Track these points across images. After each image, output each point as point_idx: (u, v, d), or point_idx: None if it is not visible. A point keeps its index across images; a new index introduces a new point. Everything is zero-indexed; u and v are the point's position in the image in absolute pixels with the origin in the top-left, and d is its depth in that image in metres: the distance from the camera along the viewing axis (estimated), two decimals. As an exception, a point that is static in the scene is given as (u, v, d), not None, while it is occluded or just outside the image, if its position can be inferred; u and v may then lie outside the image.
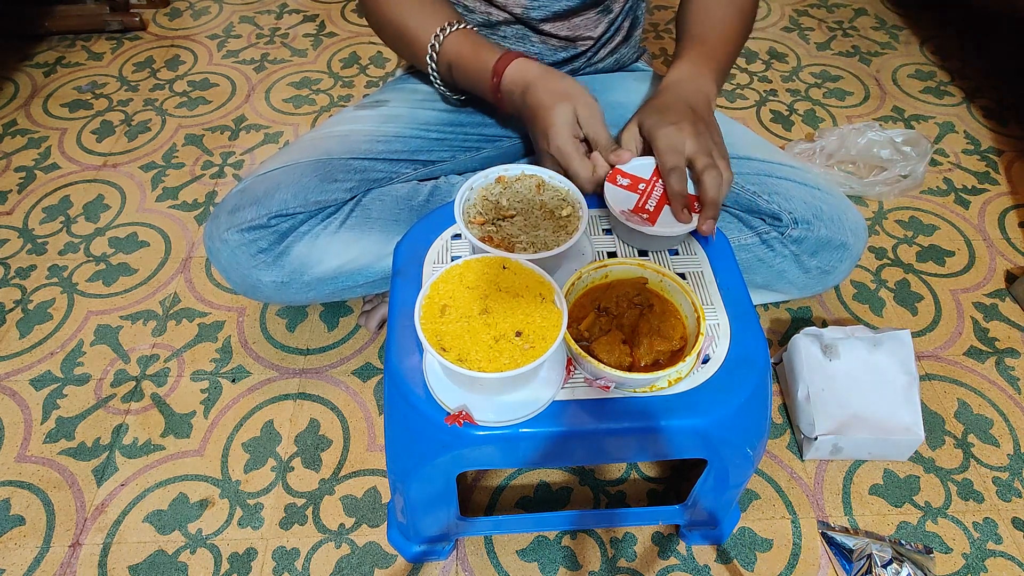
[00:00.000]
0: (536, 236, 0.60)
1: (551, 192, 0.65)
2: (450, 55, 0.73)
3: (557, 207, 0.63)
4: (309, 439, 0.86)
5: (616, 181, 0.66)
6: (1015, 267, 1.07)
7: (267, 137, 1.28)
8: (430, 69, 0.76)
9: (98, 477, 0.82)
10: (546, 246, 0.59)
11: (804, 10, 1.64)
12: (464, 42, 0.72)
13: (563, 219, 0.62)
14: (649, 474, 0.83)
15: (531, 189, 0.65)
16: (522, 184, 0.65)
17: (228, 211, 0.75)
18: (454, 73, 0.74)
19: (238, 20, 1.58)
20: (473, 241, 0.59)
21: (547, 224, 0.62)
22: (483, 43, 0.72)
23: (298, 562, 0.76)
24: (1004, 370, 0.94)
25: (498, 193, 0.64)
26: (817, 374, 0.84)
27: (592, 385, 0.57)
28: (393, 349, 0.60)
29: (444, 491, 0.64)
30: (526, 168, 0.66)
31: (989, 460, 0.85)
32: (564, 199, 0.64)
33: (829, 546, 0.77)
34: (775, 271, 0.80)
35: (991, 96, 1.39)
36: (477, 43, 0.72)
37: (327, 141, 0.80)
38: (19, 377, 0.92)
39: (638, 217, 0.63)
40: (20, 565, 0.75)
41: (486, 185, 0.65)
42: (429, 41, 0.73)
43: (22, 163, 1.23)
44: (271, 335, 0.97)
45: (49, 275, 1.05)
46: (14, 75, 1.42)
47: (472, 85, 0.74)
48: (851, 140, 1.16)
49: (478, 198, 0.64)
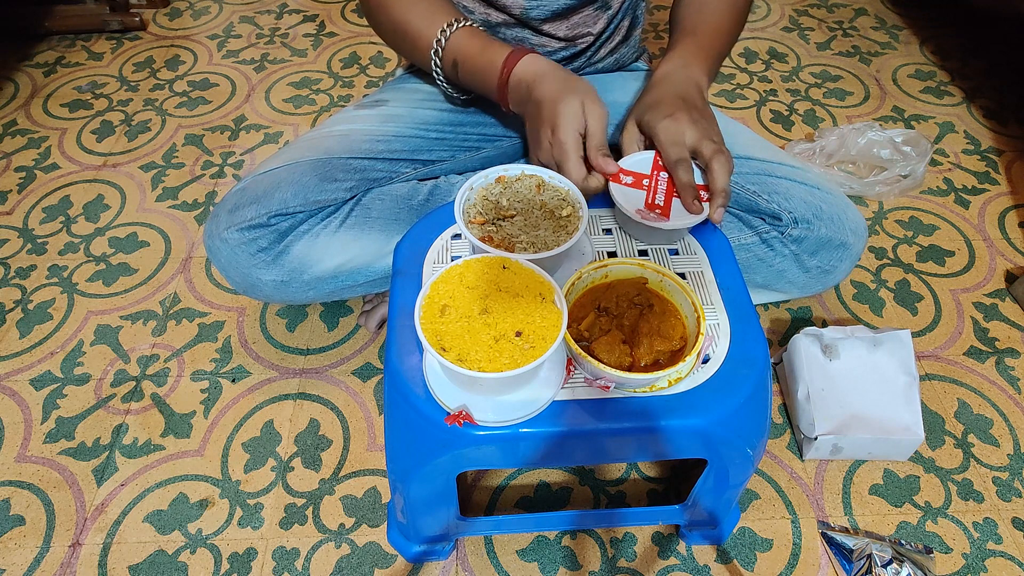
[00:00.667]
0: (536, 236, 0.60)
1: (551, 192, 0.65)
2: (455, 52, 0.73)
3: (557, 207, 0.63)
4: (309, 439, 0.86)
5: (620, 180, 0.66)
6: (1015, 267, 1.07)
7: (267, 137, 1.28)
8: (434, 66, 0.75)
9: (98, 477, 0.82)
10: (546, 246, 0.59)
11: (804, 10, 1.64)
12: (470, 39, 0.72)
13: (563, 219, 0.62)
14: (649, 474, 0.83)
15: (531, 189, 0.65)
16: (522, 184, 0.65)
17: (228, 210, 0.75)
18: (459, 70, 0.74)
19: (238, 20, 1.58)
20: (473, 241, 0.59)
21: (547, 224, 0.62)
22: (490, 40, 0.72)
23: (298, 562, 0.76)
24: (1004, 370, 0.94)
25: (498, 193, 0.64)
26: (817, 374, 0.84)
27: (592, 385, 0.57)
28: (393, 349, 0.60)
29: (444, 491, 0.64)
30: (526, 168, 0.66)
31: (989, 460, 0.85)
32: (564, 199, 0.64)
33: (829, 546, 0.77)
34: (775, 271, 0.80)
35: (991, 96, 1.39)
36: (483, 40, 0.72)
37: (327, 140, 0.80)
38: (19, 377, 0.92)
39: (653, 215, 0.63)
40: (20, 565, 0.75)
41: (486, 185, 0.65)
42: (434, 38, 0.73)
43: (22, 163, 1.23)
44: (271, 335, 0.97)
45: (49, 275, 1.05)
46: (14, 75, 1.42)
47: (477, 81, 0.73)
48: (851, 140, 1.16)
49: (478, 198, 0.64)
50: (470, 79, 0.74)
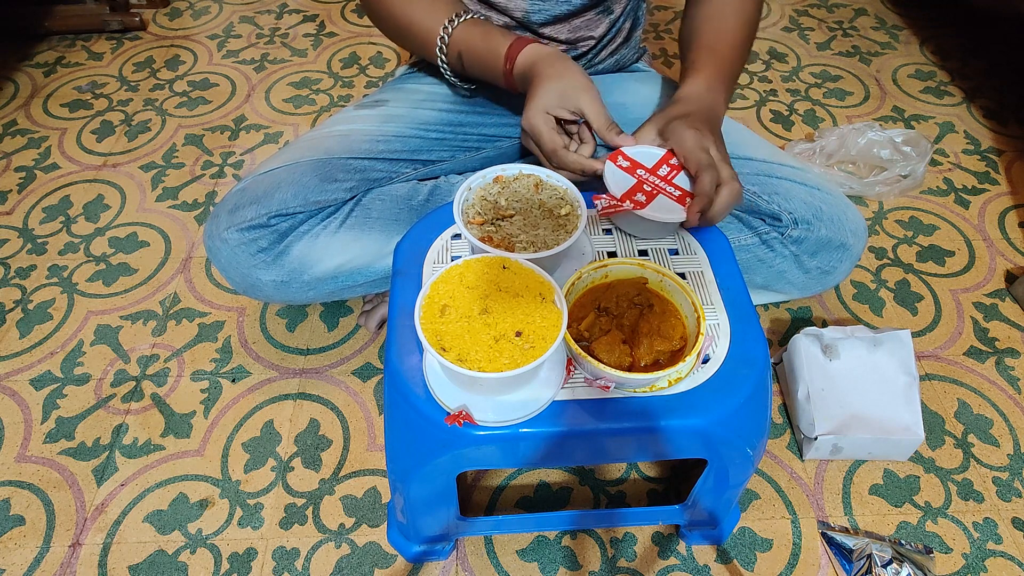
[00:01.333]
0: (536, 235, 0.60)
1: (549, 191, 0.65)
2: (460, 44, 0.73)
3: (556, 206, 0.63)
4: (309, 439, 0.86)
5: (617, 160, 0.66)
6: (1015, 267, 1.07)
7: (267, 137, 1.28)
8: (439, 59, 0.76)
9: (98, 477, 0.82)
10: (546, 245, 0.59)
11: (804, 10, 1.64)
12: (475, 30, 0.73)
13: (562, 218, 0.62)
14: (649, 474, 0.83)
15: (529, 188, 0.65)
16: (520, 183, 0.65)
17: (228, 210, 0.75)
18: (464, 61, 0.75)
19: (238, 20, 1.58)
20: (473, 241, 0.59)
21: (546, 223, 0.62)
22: (494, 30, 0.73)
23: (298, 562, 0.76)
24: (1004, 370, 0.94)
25: (496, 193, 0.64)
26: (817, 374, 0.83)
27: (592, 385, 0.57)
28: (393, 349, 0.60)
29: (444, 491, 0.64)
30: (524, 167, 0.66)
31: (989, 460, 0.85)
32: (563, 198, 0.64)
33: (829, 546, 0.77)
34: (775, 271, 0.80)
35: (991, 96, 1.39)
36: (488, 31, 0.73)
37: (327, 141, 0.80)
38: (19, 377, 0.92)
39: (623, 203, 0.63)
40: (20, 565, 0.75)
41: (484, 185, 0.65)
42: (438, 32, 0.74)
43: (22, 163, 1.23)
44: (271, 335, 0.97)
45: (49, 275, 1.05)
46: (14, 75, 1.42)
47: (484, 71, 0.74)
48: (851, 140, 1.16)
49: (476, 198, 0.64)
50: (477, 70, 0.75)
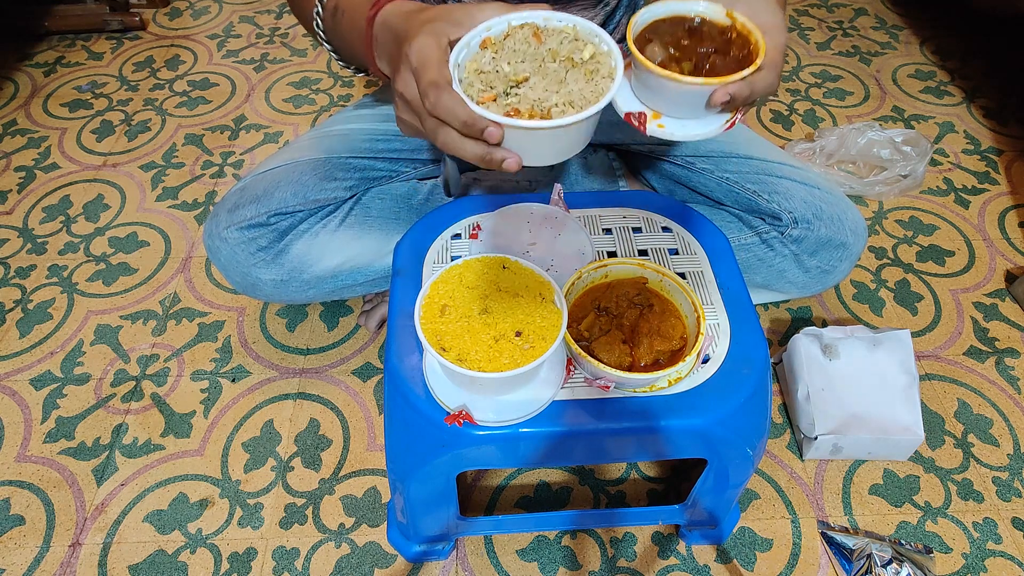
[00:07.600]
0: (569, 91, 0.47)
1: (556, 36, 0.50)
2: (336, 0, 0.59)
3: (572, 51, 0.49)
4: (309, 439, 0.86)
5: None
6: (1015, 267, 1.07)
7: (267, 137, 1.28)
8: (315, 24, 0.62)
9: (98, 477, 0.82)
10: (588, 99, 0.46)
11: (804, 10, 1.64)
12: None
13: (588, 62, 0.49)
14: (649, 474, 0.83)
15: (529, 42, 0.50)
16: (515, 40, 0.50)
17: (228, 209, 0.75)
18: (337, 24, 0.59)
19: (238, 20, 1.58)
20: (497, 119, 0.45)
21: (573, 74, 0.48)
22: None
23: (298, 562, 0.76)
24: (1004, 370, 0.94)
25: (491, 59, 0.49)
26: (817, 374, 0.83)
27: (592, 385, 0.57)
28: (393, 349, 0.60)
29: (444, 491, 0.64)
30: (511, 18, 0.50)
31: (989, 460, 0.85)
32: (576, 38, 0.50)
33: (829, 546, 0.77)
34: (775, 271, 0.80)
35: (991, 96, 1.39)
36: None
37: (327, 140, 0.80)
38: (19, 377, 0.92)
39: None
40: (20, 565, 0.75)
41: (472, 56, 0.49)
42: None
43: (22, 163, 1.23)
44: (271, 335, 0.97)
45: (49, 275, 1.05)
46: (14, 75, 1.42)
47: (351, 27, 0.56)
48: (851, 140, 1.16)
49: (471, 74, 0.48)
50: (345, 27, 0.58)
